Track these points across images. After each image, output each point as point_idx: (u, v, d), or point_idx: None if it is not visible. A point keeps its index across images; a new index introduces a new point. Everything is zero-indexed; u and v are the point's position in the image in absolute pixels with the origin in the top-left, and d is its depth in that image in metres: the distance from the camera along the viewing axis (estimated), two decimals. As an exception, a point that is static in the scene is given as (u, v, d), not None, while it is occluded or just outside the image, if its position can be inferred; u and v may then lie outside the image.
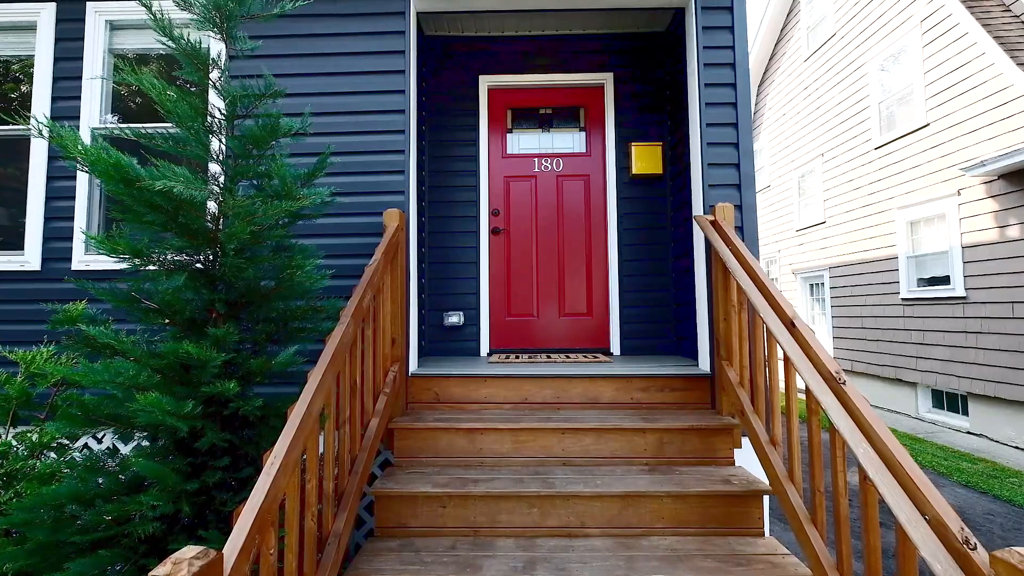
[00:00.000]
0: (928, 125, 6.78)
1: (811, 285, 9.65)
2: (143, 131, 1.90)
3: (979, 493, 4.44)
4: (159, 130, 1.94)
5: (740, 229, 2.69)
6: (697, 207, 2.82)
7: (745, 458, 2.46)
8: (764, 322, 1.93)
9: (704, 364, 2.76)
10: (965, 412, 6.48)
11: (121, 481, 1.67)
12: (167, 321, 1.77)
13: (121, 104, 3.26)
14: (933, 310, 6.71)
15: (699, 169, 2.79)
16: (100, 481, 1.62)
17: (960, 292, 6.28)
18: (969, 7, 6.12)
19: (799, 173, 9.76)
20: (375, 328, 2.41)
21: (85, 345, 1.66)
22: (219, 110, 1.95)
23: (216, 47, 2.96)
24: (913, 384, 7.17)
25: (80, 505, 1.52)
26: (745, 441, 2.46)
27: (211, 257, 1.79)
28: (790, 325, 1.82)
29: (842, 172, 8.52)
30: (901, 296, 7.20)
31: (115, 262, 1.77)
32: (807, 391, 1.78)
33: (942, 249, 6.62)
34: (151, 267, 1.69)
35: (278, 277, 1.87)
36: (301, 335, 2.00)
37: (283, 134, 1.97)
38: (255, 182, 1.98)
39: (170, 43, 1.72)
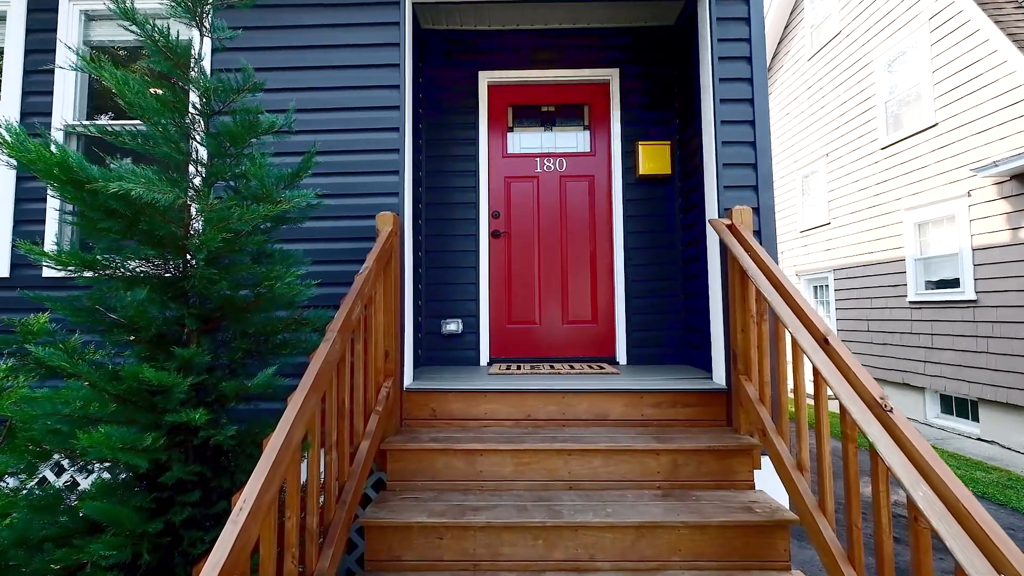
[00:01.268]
0: (937, 125, 6.63)
1: (815, 287, 9.50)
2: (109, 128, 1.72)
3: (996, 505, 4.28)
4: (127, 127, 1.76)
5: (757, 234, 2.52)
6: (711, 210, 2.65)
7: (765, 480, 2.29)
8: (794, 337, 1.76)
9: (719, 378, 2.59)
10: (975, 418, 6.34)
11: (80, 518, 1.48)
12: (132, 338, 1.59)
13: (110, 102, 3.06)
14: (942, 313, 6.57)
15: (713, 169, 2.62)
16: (54, 520, 1.44)
17: (970, 295, 6.13)
18: (980, 3, 5.97)
19: (803, 173, 9.62)
20: (366, 341, 2.23)
21: (37, 366, 1.47)
22: (195, 105, 1.77)
23: (197, 41, 2.78)
24: (921, 389, 7.02)
25: (28, 550, 1.34)
26: (765, 461, 2.29)
27: (181, 267, 1.61)
28: (823, 341, 1.65)
29: (847, 173, 8.37)
30: (909, 299, 7.06)
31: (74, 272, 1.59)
32: (842, 416, 1.61)
33: (951, 251, 6.47)
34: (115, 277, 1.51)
35: (257, 288, 1.68)
36: (283, 351, 1.82)
37: (263, 131, 1.79)
38: (232, 184, 1.79)
39: (133, 28, 1.54)
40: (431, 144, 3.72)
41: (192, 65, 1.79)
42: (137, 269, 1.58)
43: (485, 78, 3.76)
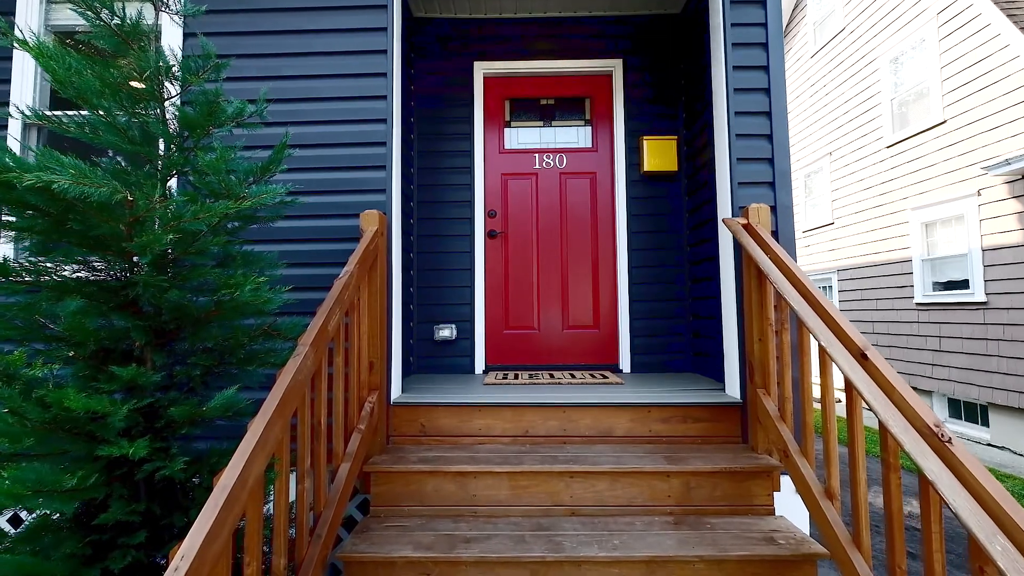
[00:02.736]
0: (945, 122, 6.46)
1: (818, 288, 9.33)
2: (52, 116, 1.51)
3: (1015, 517, 4.10)
4: (76, 117, 1.55)
5: (775, 234, 2.32)
6: (724, 208, 2.46)
7: (784, 502, 2.09)
8: (825, 350, 1.56)
9: (732, 390, 2.39)
10: (985, 423, 6.17)
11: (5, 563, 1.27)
12: (71, 353, 1.38)
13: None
14: (950, 315, 6.40)
15: (726, 165, 2.42)
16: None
17: (980, 297, 5.97)
18: (991, -3, 5.80)
19: (805, 172, 9.46)
20: (347, 352, 2.02)
21: (-43, 388, 1.26)
22: (149, 89, 1.56)
23: (172, 30, 2.57)
24: (928, 392, 6.85)
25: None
26: (784, 481, 2.10)
27: (128, 273, 1.40)
28: (861, 356, 1.46)
29: (851, 172, 8.21)
30: (916, 300, 6.89)
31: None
32: (883, 440, 1.42)
33: (960, 252, 6.30)
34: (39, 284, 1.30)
35: (217, 295, 1.48)
36: (250, 366, 1.62)
37: (228, 118, 1.59)
38: (191, 179, 1.59)
39: (71, -3, 1.33)
40: (424, 139, 3.52)
41: (148, 44, 1.58)
42: (76, 275, 1.37)
43: (481, 69, 3.56)
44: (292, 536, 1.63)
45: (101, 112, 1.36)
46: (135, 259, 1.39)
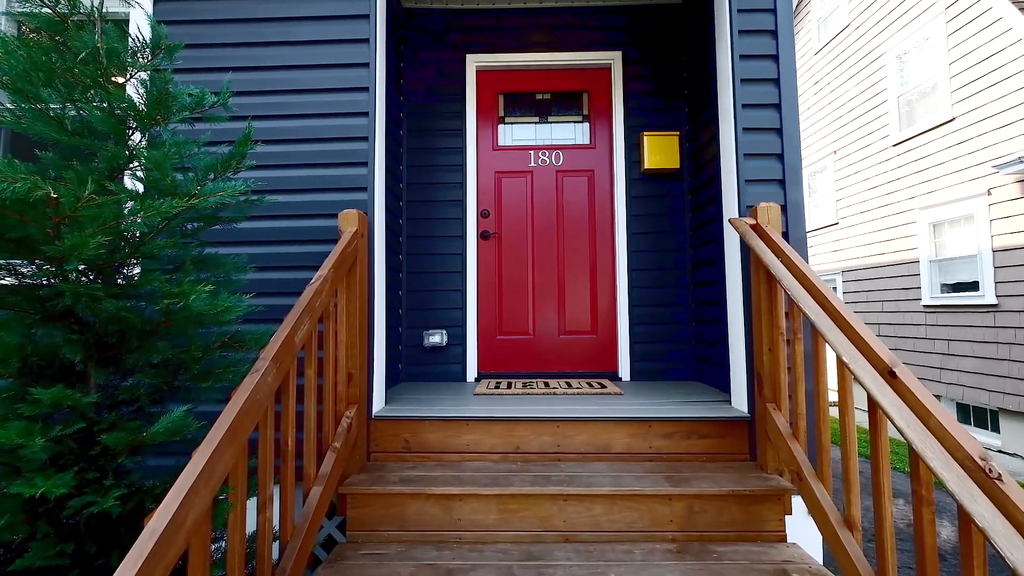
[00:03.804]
0: (953, 120, 6.30)
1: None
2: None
3: (1031, 530, 3.92)
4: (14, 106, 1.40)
5: (785, 235, 2.16)
6: (730, 207, 2.29)
7: (797, 526, 1.93)
8: (846, 365, 1.40)
9: (739, 403, 2.23)
10: (995, 428, 6.00)
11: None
12: (-2, 372, 1.22)
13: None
14: (960, 318, 6.23)
15: (732, 161, 2.26)
16: None
17: (991, 299, 5.80)
18: (1002, -10, 5.62)
19: (809, 172, 9.29)
20: (322, 363, 1.86)
21: None
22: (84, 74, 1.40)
23: (140, 16, 2.41)
24: (937, 397, 6.66)
25: None
26: (796, 501, 1.93)
27: (62, 280, 1.24)
28: (888, 374, 1.29)
29: (856, 171, 8.04)
30: (923, 303, 6.72)
31: None
32: (914, 469, 1.25)
33: (970, 253, 6.13)
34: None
35: (164, 305, 1.32)
36: (204, 383, 1.46)
37: (182, 109, 1.43)
38: (139, 175, 1.43)
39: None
40: (413, 135, 3.36)
41: (91, 25, 1.42)
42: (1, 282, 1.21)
43: (473, 62, 3.40)
44: (253, 570, 1.47)
45: (30, 99, 1.20)
46: (65, 267, 1.23)
